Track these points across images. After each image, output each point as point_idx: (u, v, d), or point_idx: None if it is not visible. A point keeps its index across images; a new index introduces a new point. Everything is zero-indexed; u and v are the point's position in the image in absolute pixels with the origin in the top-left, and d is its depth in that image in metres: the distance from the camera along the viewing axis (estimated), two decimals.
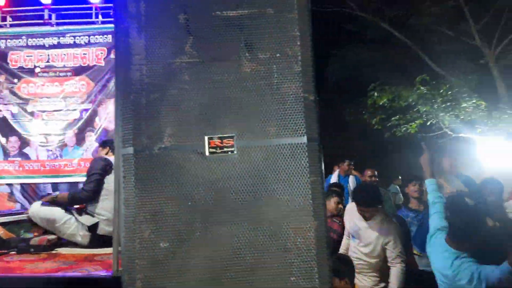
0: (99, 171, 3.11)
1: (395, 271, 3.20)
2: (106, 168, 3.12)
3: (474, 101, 8.23)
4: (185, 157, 1.67)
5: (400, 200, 11.75)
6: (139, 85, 1.68)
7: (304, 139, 1.69)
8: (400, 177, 12.01)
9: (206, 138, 1.67)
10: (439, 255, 2.47)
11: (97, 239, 3.06)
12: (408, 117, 9.38)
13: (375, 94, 9.03)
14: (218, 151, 1.68)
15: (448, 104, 8.45)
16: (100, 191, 3.11)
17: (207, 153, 1.67)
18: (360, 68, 11.95)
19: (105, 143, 3.51)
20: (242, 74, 1.70)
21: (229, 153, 1.68)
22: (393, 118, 9.64)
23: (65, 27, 6.11)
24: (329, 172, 7.18)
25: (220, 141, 1.68)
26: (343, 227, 3.90)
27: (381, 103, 9.19)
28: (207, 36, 1.71)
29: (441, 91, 8.44)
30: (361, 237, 3.54)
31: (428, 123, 9.08)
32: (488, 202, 3.33)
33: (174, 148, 1.67)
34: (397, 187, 11.79)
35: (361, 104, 10.18)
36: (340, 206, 3.96)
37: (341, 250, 3.68)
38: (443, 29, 9.37)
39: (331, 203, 3.98)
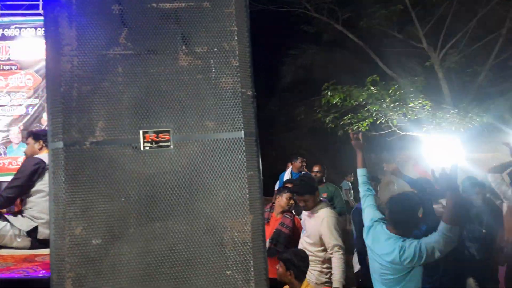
0: (25, 177, 2.89)
1: (334, 260, 3.31)
2: (38, 171, 2.92)
3: (420, 101, 8.61)
4: (119, 151, 1.62)
5: (352, 196, 12.13)
6: (69, 77, 1.62)
7: (242, 134, 1.70)
8: (352, 174, 12.42)
9: (141, 132, 1.64)
10: (383, 243, 2.58)
11: (39, 243, 2.92)
12: (359, 116, 9.67)
13: (328, 93, 9.24)
14: (154, 145, 1.65)
15: (396, 104, 8.80)
16: (26, 195, 2.93)
17: (141, 148, 1.64)
18: (314, 69, 12.22)
19: (37, 136, 3.23)
20: (179, 68, 1.68)
21: (165, 147, 1.65)
22: (345, 117, 9.90)
23: (10, 18, 5.80)
24: (283, 169, 7.28)
25: (155, 135, 1.65)
26: (294, 222, 3.98)
27: (334, 102, 9.41)
28: (142, 28, 1.68)
29: (390, 91, 8.77)
30: (305, 227, 3.67)
31: (378, 122, 9.41)
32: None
33: (106, 143, 1.62)
34: (349, 183, 12.16)
35: (315, 103, 10.38)
36: (292, 202, 4.03)
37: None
38: (393, 32, 9.74)
39: (283, 198, 4.04)
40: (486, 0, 8.50)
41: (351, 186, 12.11)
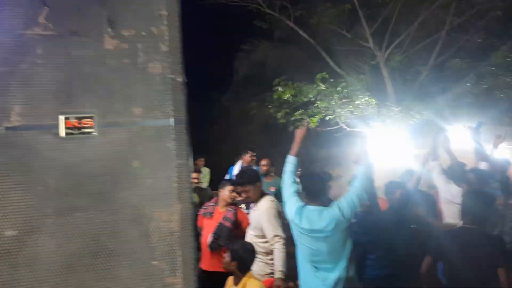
0: None
1: (275, 251, 3.34)
2: None
3: (366, 98, 8.90)
4: (37, 138, 1.53)
5: (300, 190, 12.32)
6: None
7: (171, 122, 1.66)
8: (301, 169, 12.67)
9: (61, 117, 1.56)
10: (319, 217, 2.79)
11: None
12: (309, 112, 9.85)
13: (279, 89, 9.33)
14: (76, 132, 1.57)
15: (344, 100, 9.06)
16: None
17: (62, 134, 1.56)
18: (267, 64, 12.29)
19: None
20: (104, 51, 1.61)
21: (88, 134, 1.58)
22: (296, 113, 10.05)
23: None
24: (234, 162, 7.27)
25: (77, 121, 1.57)
26: (237, 216, 3.98)
27: (285, 98, 9.52)
28: (64, 8, 1.59)
29: (338, 88, 9.01)
30: (251, 220, 3.68)
31: (327, 118, 9.64)
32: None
33: (23, 128, 1.52)
34: (297, 179, 12.37)
35: (268, 98, 10.45)
36: (234, 194, 4.02)
37: None
38: (342, 31, 10.00)
39: (225, 191, 4.02)
40: (428, 4, 8.93)
41: (299, 181, 12.33)
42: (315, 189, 2.95)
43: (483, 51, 9.05)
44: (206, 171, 8.96)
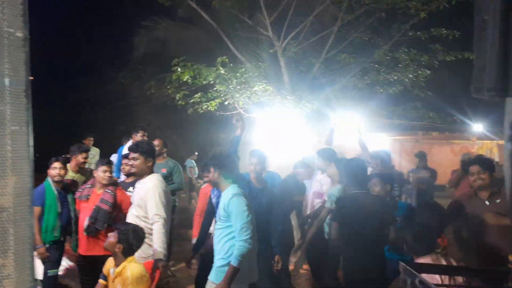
0: None
1: (154, 231, 3.34)
2: None
3: (263, 86, 9.21)
4: None
5: (196, 173, 12.44)
6: None
7: (7, 82, 1.47)
8: (196, 153, 12.72)
9: None
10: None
11: None
12: (209, 95, 9.88)
13: (179, 69, 9.17)
14: None
15: (243, 86, 9.25)
16: None
17: None
18: (168, 43, 11.96)
19: None
20: None
21: None
22: (195, 95, 10.01)
23: None
24: (124, 143, 7.02)
25: None
26: (116, 197, 3.88)
27: (184, 79, 9.39)
28: None
29: (238, 74, 9.16)
30: (133, 199, 3.62)
31: (226, 103, 9.77)
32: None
33: None
34: (193, 161, 12.46)
35: (166, 78, 10.21)
36: (108, 174, 3.90)
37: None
38: (243, 17, 10.12)
39: (99, 172, 3.88)
40: None
41: (195, 164, 12.41)
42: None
43: (368, 48, 9.92)
44: (95, 151, 8.53)
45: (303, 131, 9.43)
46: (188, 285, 5.38)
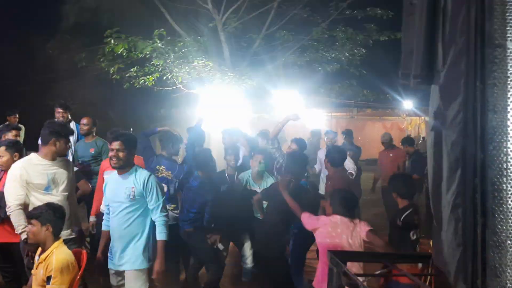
0: None
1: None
2: None
3: (203, 61, 8.99)
4: None
5: None
6: None
7: None
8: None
9: None
10: None
11: None
12: (146, 69, 9.50)
13: (112, 41, 8.65)
14: None
15: (181, 61, 8.97)
16: None
17: None
18: (100, 13, 11.21)
19: None
20: None
21: None
22: (132, 69, 9.58)
23: None
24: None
25: None
26: None
27: (119, 52, 8.90)
28: None
29: (175, 47, 8.85)
30: None
31: (164, 78, 9.45)
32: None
33: None
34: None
35: (100, 51, 9.62)
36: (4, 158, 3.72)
37: None
38: None
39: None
40: None
41: None
42: None
43: (307, 26, 10.02)
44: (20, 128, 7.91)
45: (243, 107, 9.41)
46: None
